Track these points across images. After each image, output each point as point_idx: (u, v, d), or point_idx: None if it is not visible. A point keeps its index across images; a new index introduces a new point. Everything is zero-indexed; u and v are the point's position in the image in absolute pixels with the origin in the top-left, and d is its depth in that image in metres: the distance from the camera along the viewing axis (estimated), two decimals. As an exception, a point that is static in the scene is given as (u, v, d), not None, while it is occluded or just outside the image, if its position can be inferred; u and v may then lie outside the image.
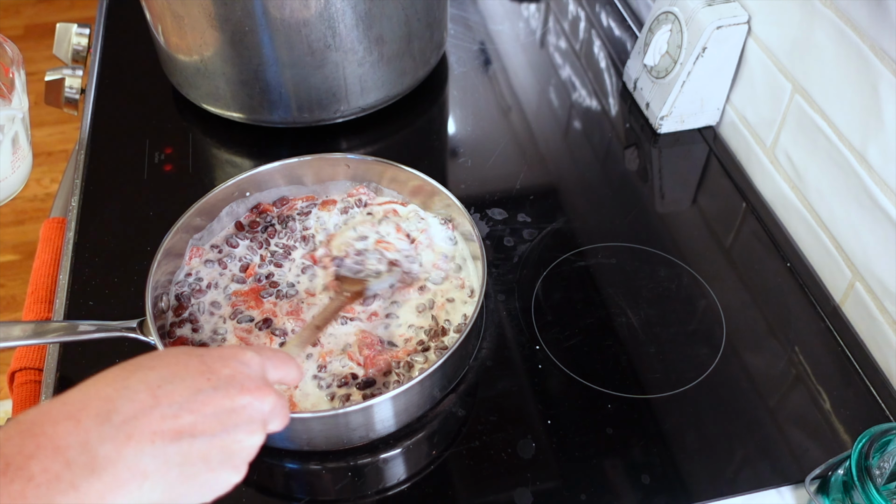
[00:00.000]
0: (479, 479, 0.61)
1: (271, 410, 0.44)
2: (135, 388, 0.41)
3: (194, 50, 0.83)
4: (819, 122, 0.74)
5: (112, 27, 1.06)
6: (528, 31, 1.07)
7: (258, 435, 0.44)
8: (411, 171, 0.74)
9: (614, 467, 0.61)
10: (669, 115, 0.89)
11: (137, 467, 0.38)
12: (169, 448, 0.39)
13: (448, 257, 0.72)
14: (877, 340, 0.69)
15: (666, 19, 0.88)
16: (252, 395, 0.44)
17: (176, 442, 0.40)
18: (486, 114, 0.95)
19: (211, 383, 0.43)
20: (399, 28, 0.85)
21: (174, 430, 0.40)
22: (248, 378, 0.44)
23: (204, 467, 0.41)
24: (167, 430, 0.40)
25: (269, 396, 0.45)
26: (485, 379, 0.67)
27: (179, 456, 0.40)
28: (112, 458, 0.38)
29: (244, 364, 0.45)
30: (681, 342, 0.70)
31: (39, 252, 0.82)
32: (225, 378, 0.43)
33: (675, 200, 0.85)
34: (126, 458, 0.38)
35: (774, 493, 0.61)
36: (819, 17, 0.71)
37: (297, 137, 0.89)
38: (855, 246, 0.71)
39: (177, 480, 0.40)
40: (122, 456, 0.38)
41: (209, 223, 0.73)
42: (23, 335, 0.62)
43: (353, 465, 0.61)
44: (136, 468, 0.38)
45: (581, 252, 0.77)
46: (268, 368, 0.47)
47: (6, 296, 1.76)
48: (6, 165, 0.75)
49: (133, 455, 0.38)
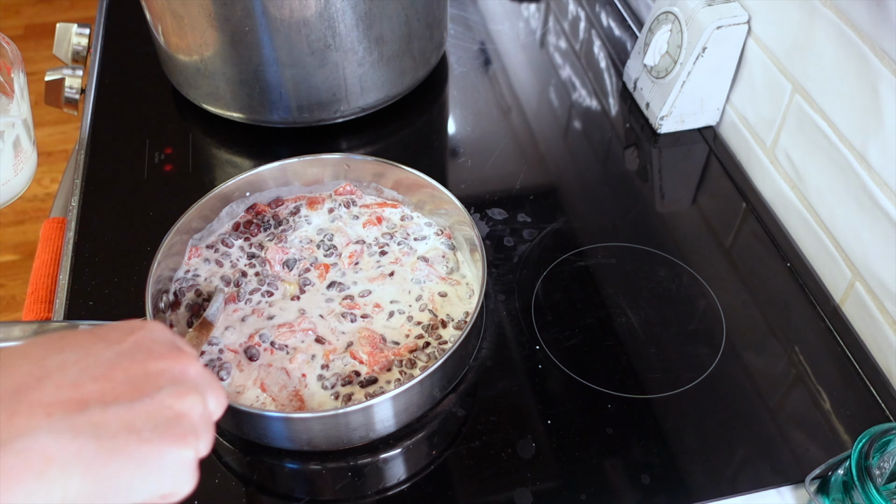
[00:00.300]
0: (479, 479, 0.61)
1: (200, 377, 0.37)
2: (13, 363, 0.32)
3: (194, 50, 0.83)
4: (819, 122, 0.74)
5: (112, 27, 1.06)
6: (528, 31, 1.07)
7: (192, 398, 0.35)
8: (411, 171, 0.74)
9: (614, 467, 0.61)
10: (669, 115, 0.89)
11: (33, 450, 0.29)
12: (74, 419, 0.30)
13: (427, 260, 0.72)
14: (877, 340, 0.69)
15: (666, 19, 0.88)
16: (167, 359, 0.36)
17: (82, 411, 0.31)
18: (486, 114, 0.95)
19: (112, 350, 0.35)
20: (399, 28, 0.85)
21: (76, 399, 0.31)
22: (156, 342, 0.36)
23: (134, 438, 0.32)
24: (66, 400, 0.31)
25: (192, 362, 0.37)
26: (485, 379, 0.67)
27: (92, 427, 0.31)
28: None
29: (148, 331, 0.37)
30: (681, 342, 0.70)
31: (39, 252, 0.82)
32: (129, 344, 0.35)
33: (675, 200, 0.85)
34: (10, 441, 0.29)
35: (774, 493, 0.61)
36: (819, 17, 0.71)
37: (297, 137, 0.89)
38: (855, 246, 0.71)
39: (99, 459, 0.30)
40: (4, 440, 0.29)
41: (209, 223, 0.73)
42: (23, 335, 0.62)
43: (353, 465, 0.61)
44: (31, 451, 0.29)
45: (581, 252, 0.78)
46: (177, 340, 0.39)
47: (6, 296, 1.76)
48: (8, 169, 0.75)
49: (21, 436, 0.29)
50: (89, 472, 0.30)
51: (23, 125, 0.77)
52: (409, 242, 0.73)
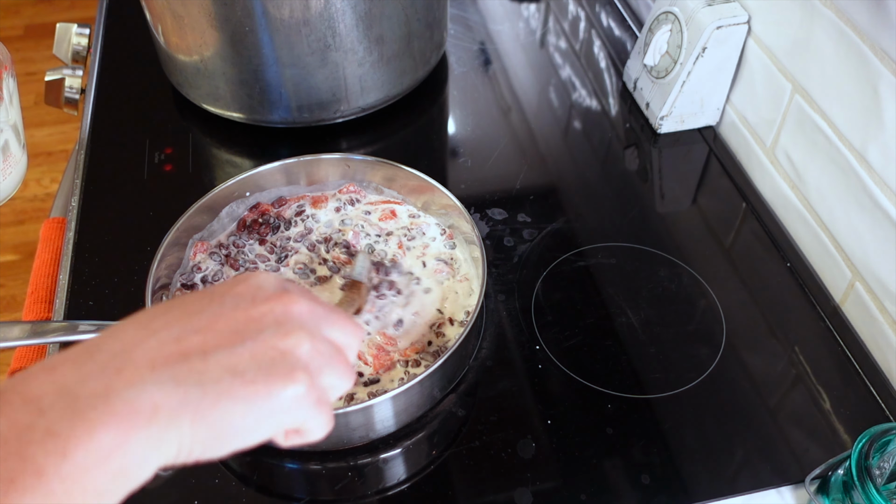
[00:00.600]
0: (479, 479, 0.61)
1: (304, 313, 0.36)
2: (121, 328, 0.33)
3: (194, 50, 0.83)
4: (819, 122, 0.74)
5: (112, 27, 1.06)
6: (528, 31, 1.07)
7: (296, 336, 0.35)
8: (411, 171, 0.74)
9: (614, 467, 0.61)
10: (669, 115, 0.89)
11: (140, 400, 0.30)
12: (177, 369, 0.31)
13: (447, 262, 0.72)
14: (877, 340, 0.69)
15: (666, 19, 0.88)
16: (269, 302, 0.35)
17: (184, 362, 0.32)
18: (486, 114, 0.95)
19: (215, 303, 0.35)
20: (399, 28, 0.85)
21: (178, 352, 0.32)
22: (261, 289, 0.36)
23: (238, 380, 0.32)
24: (169, 354, 0.32)
25: (293, 300, 0.36)
26: (485, 379, 0.67)
27: (194, 374, 0.31)
28: (99, 394, 0.30)
29: (254, 278, 0.37)
30: (681, 342, 0.70)
31: (39, 252, 0.82)
32: (234, 295, 0.36)
33: (675, 200, 0.85)
34: (120, 392, 0.30)
35: (774, 493, 0.61)
36: (819, 17, 0.71)
37: (297, 137, 0.89)
38: (855, 246, 0.71)
39: (205, 404, 0.31)
40: (115, 390, 0.30)
41: (209, 223, 0.73)
42: (22, 335, 0.62)
43: (353, 465, 0.61)
44: (138, 401, 0.30)
45: (581, 252, 0.77)
46: (282, 281, 0.38)
47: (6, 296, 1.76)
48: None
49: (127, 388, 0.30)
50: (197, 418, 0.31)
51: (11, 130, 0.76)
52: (425, 240, 0.73)
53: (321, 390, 0.35)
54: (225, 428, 0.32)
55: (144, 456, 0.30)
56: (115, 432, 0.29)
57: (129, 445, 0.30)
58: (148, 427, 0.30)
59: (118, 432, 0.29)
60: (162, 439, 0.30)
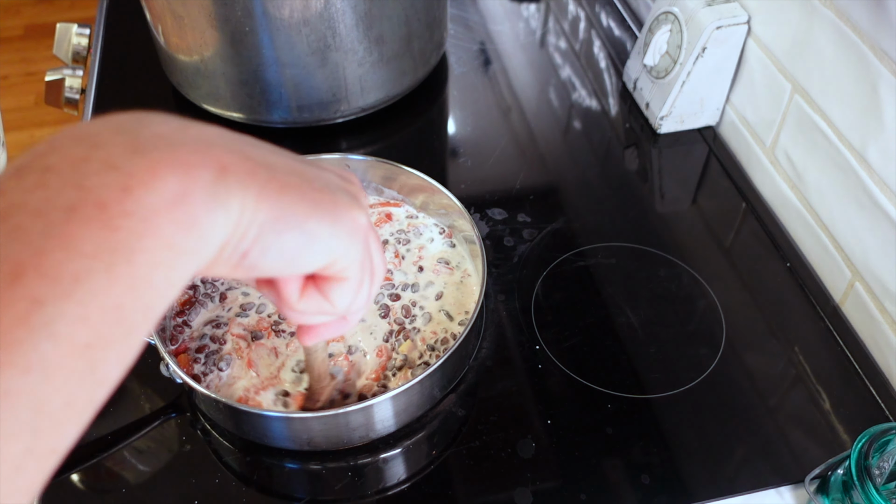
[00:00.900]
0: (479, 479, 0.61)
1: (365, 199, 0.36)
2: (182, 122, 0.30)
3: (194, 50, 0.83)
4: (819, 122, 0.74)
5: (112, 27, 1.06)
6: (528, 31, 1.07)
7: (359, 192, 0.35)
8: (411, 171, 0.74)
9: (614, 467, 0.61)
10: (669, 115, 0.89)
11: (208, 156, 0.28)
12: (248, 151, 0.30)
13: (448, 262, 0.72)
14: (877, 340, 0.69)
15: (666, 19, 0.88)
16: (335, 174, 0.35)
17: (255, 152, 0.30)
18: (486, 114, 0.95)
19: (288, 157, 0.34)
20: (399, 28, 0.85)
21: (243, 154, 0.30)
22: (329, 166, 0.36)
23: (307, 185, 0.31)
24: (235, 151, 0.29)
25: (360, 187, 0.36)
26: (485, 379, 0.67)
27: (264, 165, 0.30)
28: (164, 137, 0.27)
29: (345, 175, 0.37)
30: (681, 342, 0.70)
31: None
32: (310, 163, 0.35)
33: (675, 200, 0.85)
34: (185, 142, 0.28)
35: (774, 493, 0.61)
36: (819, 17, 0.71)
37: (297, 137, 0.89)
38: (855, 246, 0.71)
39: (273, 186, 0.30)
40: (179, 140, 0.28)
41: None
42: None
43: (353, 465, 0.61)
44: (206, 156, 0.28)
45: (581, 252, 0.78)
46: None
47: (6, 296, 1.76)
48: None
49: (194, 141, 0.28)
50: (264, 195, 0.29)
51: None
52: (420, 241, 0.73)
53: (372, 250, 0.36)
54: (287, 220, 0.30)
55: (210, 211, 0.27)
56: (181, 177, 0.27)
57: (195, 195, 0.27)
58: (214, 184, 0.28)
59: (184, 178, 0.27)
60: (228, 199, 0.28)
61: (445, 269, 0.71)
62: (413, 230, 0.74)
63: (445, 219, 0.74)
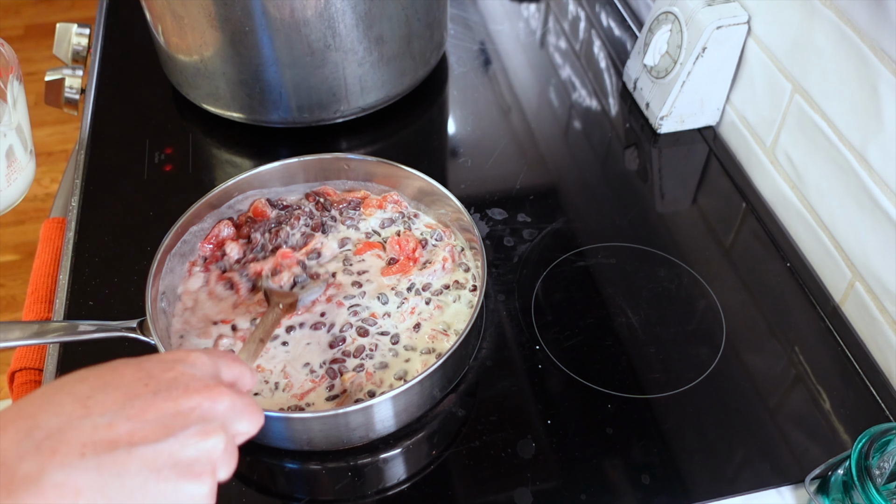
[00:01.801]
0: (479, 479, 0.61)
1: (230, 409, 0.40)
2: (61, 401, 0.37)
3: (194, 50, 0.83)
4: (819, 122, 0.74)
5: (112, 27, 1.06)
6: (528, 31, 1.07)
7: (216, 437, 0.38)
8: (411, 171, 0.74)
9: (614, 467, 0.61)
10: (669, 115, 0.89)
11: (66, 484, 0.34)
12: (103, 458, 0.35)
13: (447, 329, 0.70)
14: (877, 340, 0.69)
15: (666, 19, 0.88)
16: (201, 394, 0.39)
17: (110, 452, 0.35)
18: (486, 114, 0.95)
19: (150, 388, 0.38)
20: (399, 28, 0.85)
21: (108, 440, 0.35)
22: (194, 378, 0.40)
23: (152, 477, 0.36)
24: (99, 441, 0.35)
25: (223, 396, 0.40)
26: (485, 379, 0.67)
27: (117, 466, 0.35)
28: (33, 475, 0.34)
29: (189, 365, 0.41)
30: (681, 342, 0.70)
31: (39, 252, 0.82)
32: (166, 381, 0.39)
33: (675, 200, 0.85)
34: (51, 474, 0.34)
35: (774, 493, 0.61)
36: (819, 17, 0.71)
37: (297, 137, 0.89)
38: (855, 246, 0.71)
39: (119, 495, 0.35)
40: (46, 472, 0.34)
41: (209, 223, 0.73)
42: (23, 335, 0.62)
43: (353, 465, 0.61)
44: (65, 485, 0.34)
45: (581, 252, 0.78)
46: (220, 368, 0.42)
47: (6, 296, 1.76)
48: (0, 179, 0.74)
49: (58, 470, 0.34)
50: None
51: (16, 134, 0.74)
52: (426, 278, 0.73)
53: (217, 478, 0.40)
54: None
55: None
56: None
57: None
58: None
59: None
60: None
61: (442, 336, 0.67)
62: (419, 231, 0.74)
63: (445, 219, 0.74)
